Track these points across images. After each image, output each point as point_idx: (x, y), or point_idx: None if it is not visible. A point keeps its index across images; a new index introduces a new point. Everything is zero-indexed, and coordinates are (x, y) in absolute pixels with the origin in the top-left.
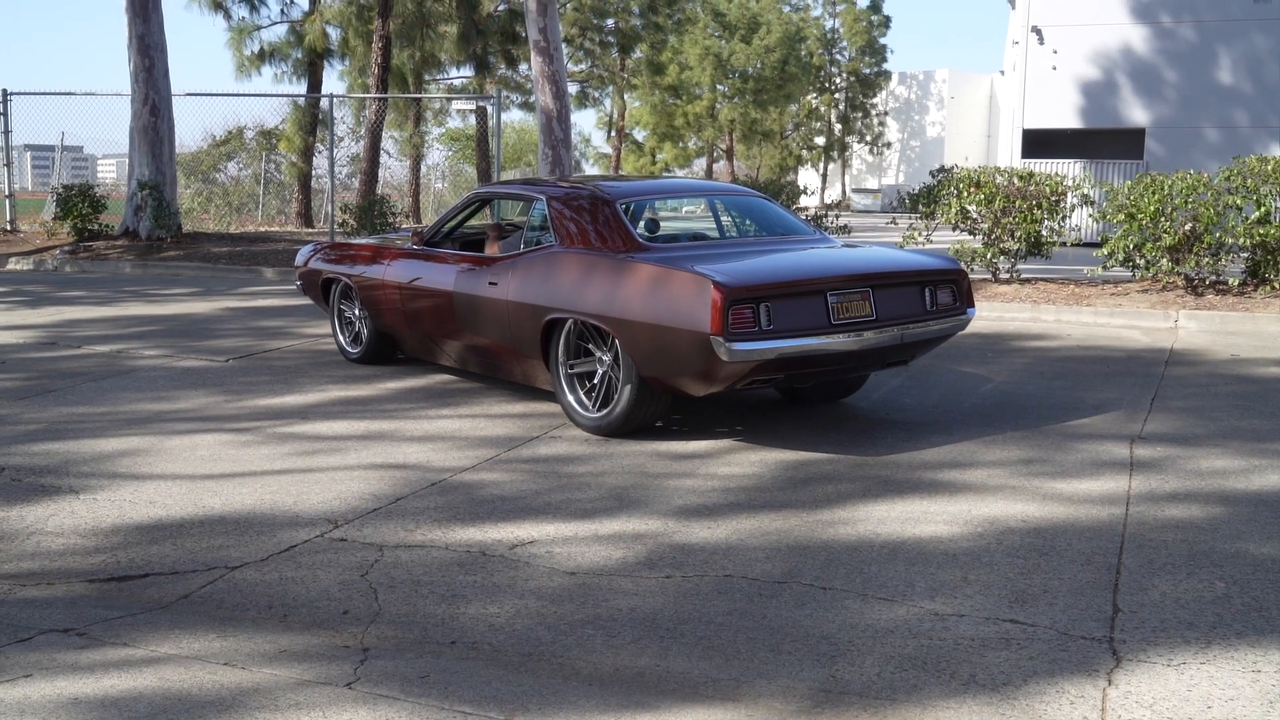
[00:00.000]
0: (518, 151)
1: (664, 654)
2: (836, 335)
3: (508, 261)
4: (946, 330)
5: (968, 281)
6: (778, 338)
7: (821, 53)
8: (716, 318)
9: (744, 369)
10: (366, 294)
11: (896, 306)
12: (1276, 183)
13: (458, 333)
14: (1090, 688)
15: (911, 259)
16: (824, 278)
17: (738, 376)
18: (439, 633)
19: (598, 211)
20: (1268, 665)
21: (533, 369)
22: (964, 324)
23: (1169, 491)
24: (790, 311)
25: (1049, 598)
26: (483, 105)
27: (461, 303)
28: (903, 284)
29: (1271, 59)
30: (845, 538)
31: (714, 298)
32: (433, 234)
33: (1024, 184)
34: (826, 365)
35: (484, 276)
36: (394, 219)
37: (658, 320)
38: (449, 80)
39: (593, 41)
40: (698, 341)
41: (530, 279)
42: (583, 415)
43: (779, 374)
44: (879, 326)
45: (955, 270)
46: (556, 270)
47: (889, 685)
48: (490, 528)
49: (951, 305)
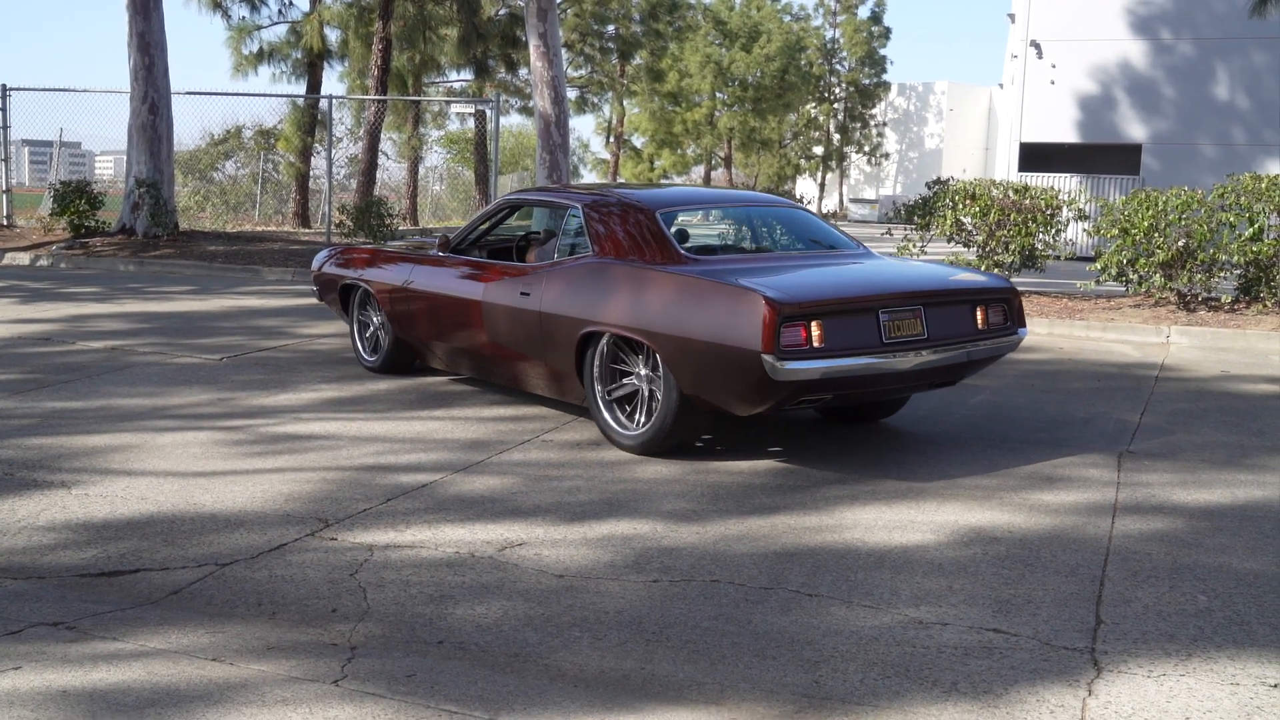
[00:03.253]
0: (515, 156)
1: (649, 657)
2: (888, 355)
3: (541, 271)
4: (997, 350)
5: (1019, 300)
6: (829, 357)
7: (821, 63)
8: (768, 335)
9: (794, 389)
10: (388, 301)
11: (948, 326)
12: (1270, 200)
13: (485, 344)
14: (1070, 697)
15: (963, 277)
16: (876, 295)
17: (786, 396)
18: (426, 632)
19: (637, 221)
20: (1246, 678)
21: (565, 383)
22: (1015, 344)
23: (1155, 505)
24: (842, 330)
25: (1032, 608)
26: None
27: (490, 313)
28: (954, 302)
29: (1269, 76)
30: (832, 545)
31: (765, 314)
32: (459, 241)
33: (1019, 197)
34: (876, 386)
35: (515, 286)
36: (391, 221)
37: (704, 336)
38: (448, 83)
39: (593, 47)
40: (747, 359)
41: (565, 290)
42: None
43: (827, 394)
44: (930, 346)
45: (1007, 289)
46: (593, 281)
47: (871, 691)
48: (479, 529)
49: (1002, 325)
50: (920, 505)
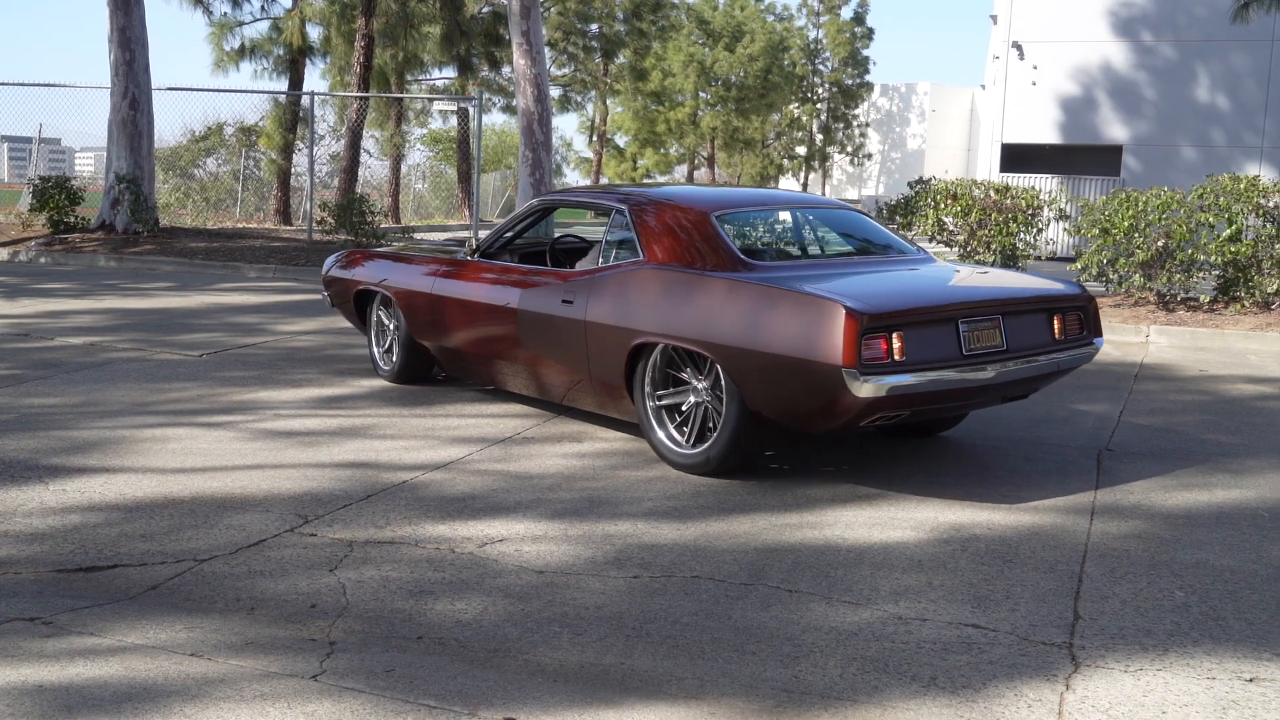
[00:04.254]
0: (498, 154)
1: (629, 652)
2: (969, 368)
3: (585, 278)
4: (1074, 361)
5: (1095, 308)
6: (911, 370)
7: (804, 63)
8: (849, 348)
9: (873, 405)
10: (411, 308)
11: (1026, 336)
12: (1248, 201)
13: (521, 355)
14: (1048, 692)
15: (1039, 283)
16: (956, 304)
17: (865, 413)
18: (406, 628)
19: (690, 224)
20: (1222, 673)
21: (611, 398)
22: (1091, 355)
23: (1133, 503)
24: (922, 341)
25: (1011, 603)
26: (464, 106)
27: (528, 322)
28: (1032, 311)
29: (1249, 78)
30: (812, 541)
31: (846, 326)
32: (489, 245)
33: (1000, 197)
34: (955, 401)
35: (556, 294)
36: (373, 218)
37: (776, 349)
38: (431, 81)
39: (576, 45)
40: (826, 374)
41: (613, 298)
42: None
43: (905, 410)
44: (1010, 358)
45: (1084, 296)
46: (645, 289)
47: (850, 686)
48: (460, 526)
49: (1079, 334)
50: (900, 502)
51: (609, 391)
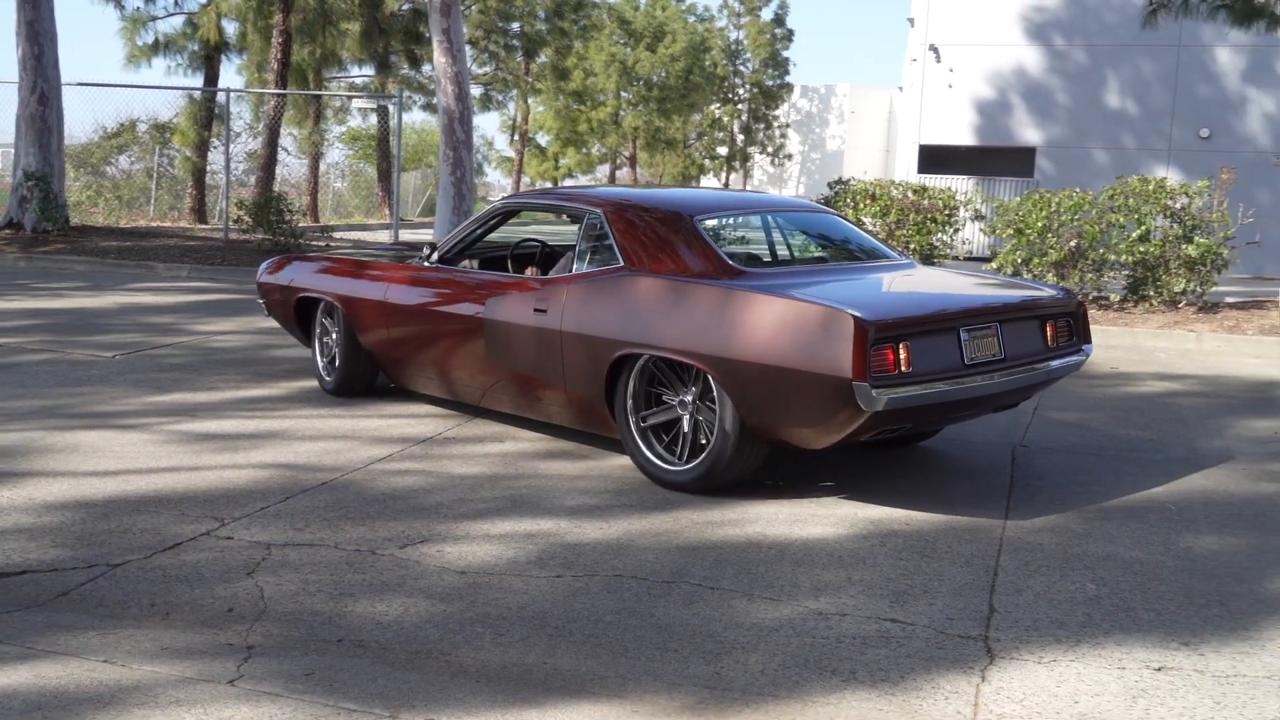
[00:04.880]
0: (419, 152)
1: (552, 651)
2: (971, 378)
3: (559, 285)
4: (1065, 369)
5: (1085, 314)
6: (917, 382)
7: (725, 63)
8: (859, 360)
9: (878, 419)
10: (362, 318)
11: (1021, 344)
12: (1157, 203)
13: (488, 367)
14: (965, 684)
15: (1032, 290)
16: (958, 312)
17: (867, 428)
18: (325, 631)
19: (673, 228)
20: (1132, 662)
21: (589, 412)
22: (1081, 362)
23: (1047, 498)
24: (927, 351)
25: (929, 597)
26: (384, 104)
27: (497, 332)
28: (1027, 318)
29: (1157, 84)
30: (734, 539)
31: (855, 336)
32: (448, 250)
33: (918, 197)
34: (955, 412)
35: (527, 302)
36: (292, 217)
37: (776, 361)
38: (350, 78)
39: (497, 44)
40: (832, 387)
41: (593, 307)
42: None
43: (908, 424)
44: (1007, 368)
45: (1075, 303)
46: (628, 297)
47: (772, 682)
48: (380, 526)
49: (1069, 341)
50: (821, 499)
51: (586, 406)
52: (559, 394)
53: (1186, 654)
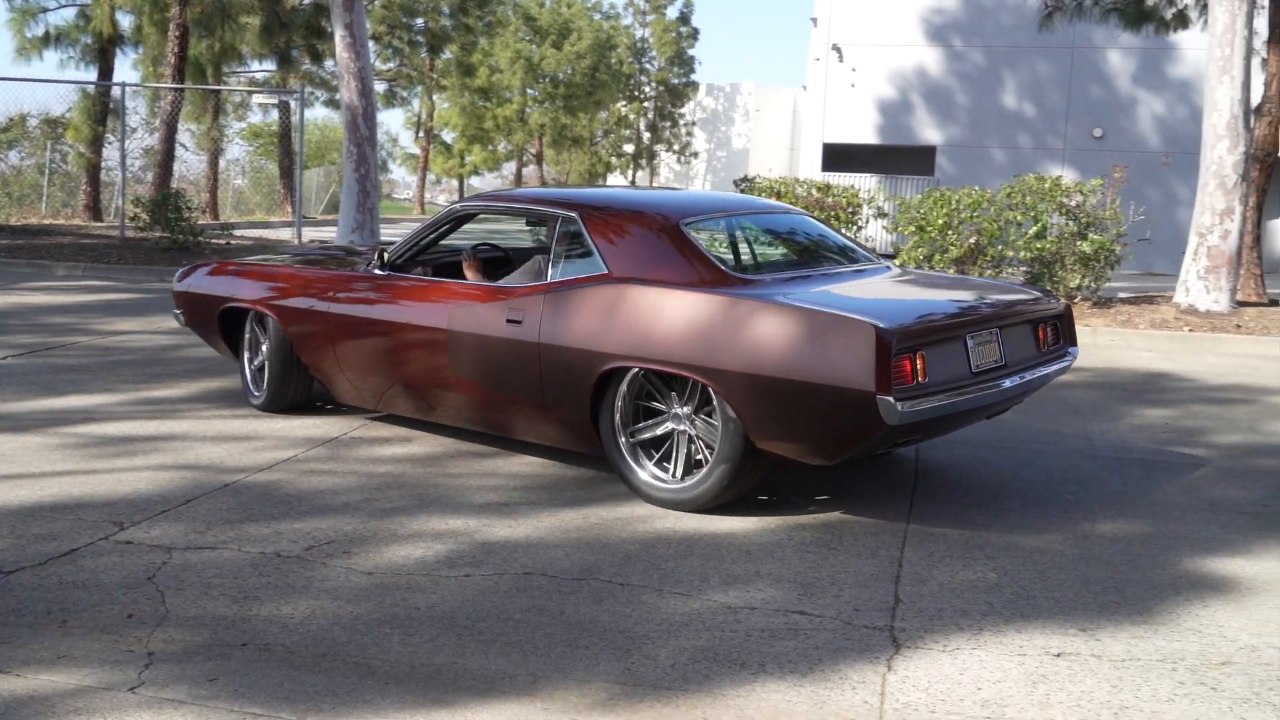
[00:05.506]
0: (322, 149)
1: (461, 651)
2: (979, 386)
3: (536, 295)
4: (1055, 374)
5: (1071, 316)
6: (933, 393)
7: (631, 61)
8: (882, 372)
9: (898, 432)
10: (302, 331)
11: (1018, 349)
12: (1052, 200)
13: (452, 383)
14: (871, 673)
15: (1022, 293)
16: (967, 319)
17: (886, 442)
18: (229, 635)
19: (659, 233)
20: (1032, 649)
21: (570, 429)
22: (1069, 365)
23: (950, 489)
24: (939, 360)
25: (835, 589)
26: (285, 100)
27: (463, 345)
28: (1021, 322)
29: (1052, 85)
30: (643, 534)
31: (877, 347)
32: (399, 256)
33: (822, 195)
34: (963, 422)
35: (498, 312)
36: (191, 214)
37: (791, 374)
38: (250, 73)
39: (401, 40)
40: (854, 401)
41: (575, 317)
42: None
43: (919, 437)
44: (1007, 374)
45: (1064, 306)
46: (616, 307)
47: (682, 676)
48: (285, 528)
49: (1057, 344)
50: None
51: (567, 422)
52: (535, 410)
53: (1084, 639)
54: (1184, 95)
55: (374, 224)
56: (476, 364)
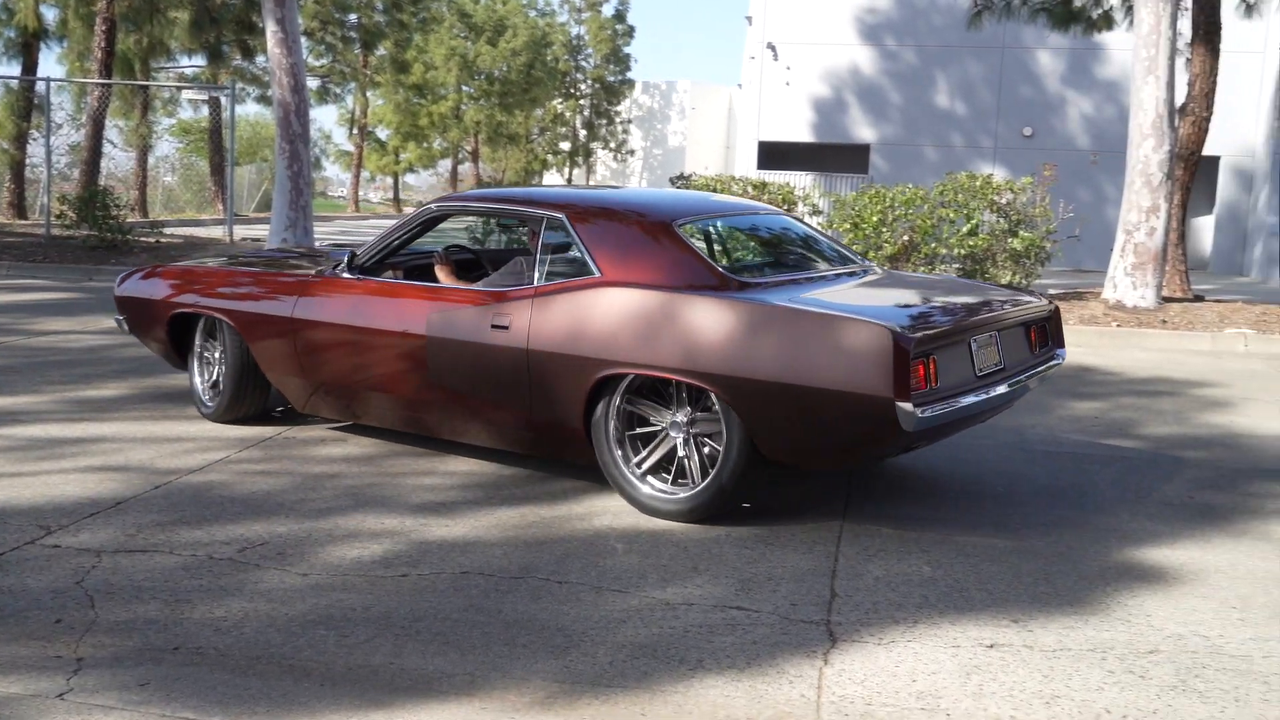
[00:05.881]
0: (253, 146)
1: (398, 652)
2: (983, 389)
3: (522, 298)
4: (1046, 375)
5: (1059, 318)
6: (944, 398)
7: (567, 59)
8: (900, 377)
9: (912, 438)
10: (262, 337)
11: (1014, 351)
12: (984, 198)
13: (431, 391)
14: (808, 667)
15: (1015, 295)
16: (971, 322)
17: (898, 448)
18: (161, 639)
19: (654, 236)
20: (966, 640)
21: (559, 438)
22: (1057, 366)
23: (885, 485)
24: (948, 364)
25: (772, 584)
26: (216, 96)
27: (443, 352)
28: (1016, 325)
29: (983, 85)
30: (581, 532)
31: (895, 352)
32: (368, 258)
33: (758, 193)
34: (966, 425)
35: (482, 317)
36: (119, 212)
37: (804, 380)
38: (180, 69)
39: (334, 36)
40: (870, 407)
41: (566, 322)
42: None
43: (926, 442)
44: (1005, 377)
45: (1053, 308)
46: (612, 312)
47: (620, 673)
48: (218, 530)
49: (1045, 346)
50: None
51: (558, 431)
52: (521, 418)
53: (1016, 630)
54: (1111, 95)
55: (307, 222)
56: (458, 371)
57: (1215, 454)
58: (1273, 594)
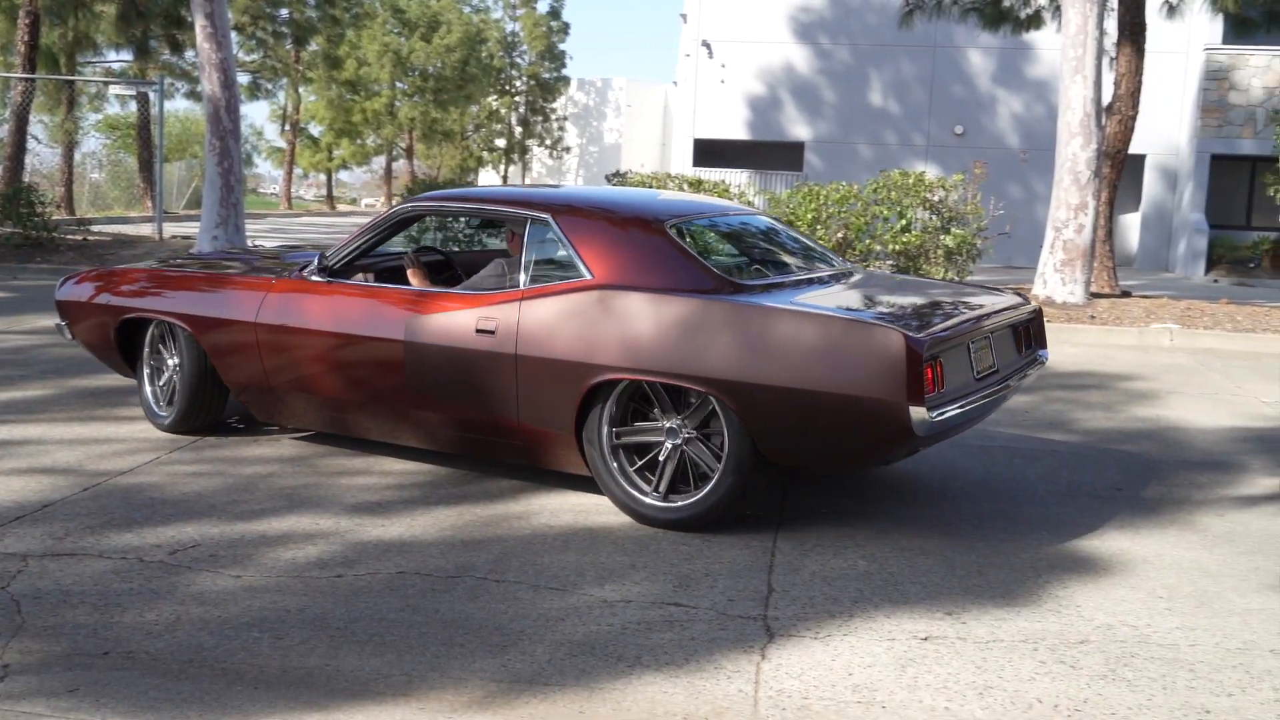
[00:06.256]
0: (183, 142)
1: (334, 653)
2: (982, 393)
3: (509, 302)
4: (1031, 376)
5: (1042, 319)
6: (949, 401)
7: (502, 55)
8: (914, 381)
9: (920, 443)
10: (223, 343)
11: (1004, 354)
12: (917, 196)
13: (409, 398)
14: (746, 662)
15: (1005, 297)
16: (968, 324)
17: (907, 452)
18: (91, 644)
19: (644, 236)
20: (901, 633)
21: (548, 446)
22: (1040, 368)
23: (820, 481)
24: (952, 368)
25: (710, 580)
26: (144, 91)
27: (424, 357)
28: (1006, 327)
29: (916, 83)
30: (519, 531)
31: (908, 356)
32: (338, 260)
33: (694, 190)
34: (956, 433)
35: (466, 321)
36: (45, 210)
37: (812, 385)
38: (107, 63)
39: (265, 31)
40: (881, 412)
41: (558, 327)
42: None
43: (928, 446)
44: (999, 380)
45: (1037, 309)
46: (606, 316)
47: (559, 671)
48: (149, 532)
49: (1029, 347)
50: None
51: (546, 440)
52: (508, 426)
53: (950, 623)
54: (1041, 94)
55: (239, 219)
56: (439, 378)
57: (1142, 447)
58: (1198, 583)
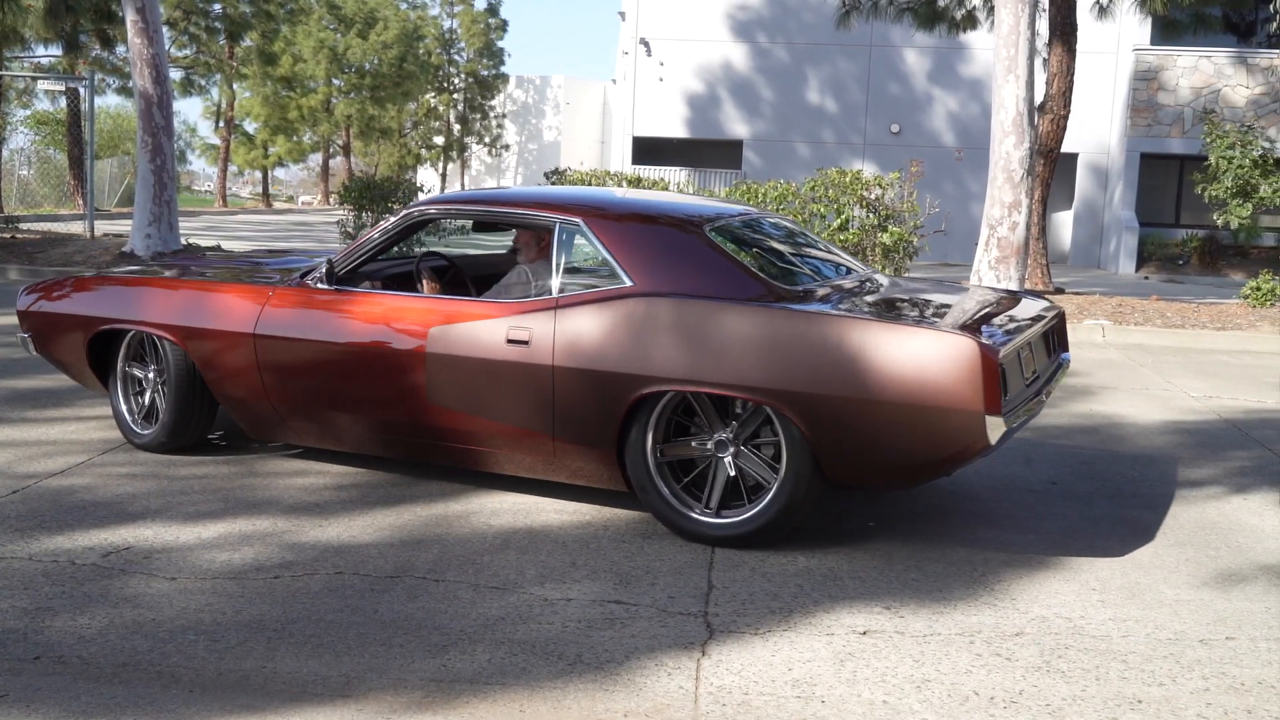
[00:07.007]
0: (115, 139)
1: (271, 655)
2: (1031, 399)
3: (543, 310)
4: (1058, 381)
5: (1065, 321)
6: (1012, 410)
7: (440, 52)
8: (991, 390)
9: (987, 451)
10: (216, 357)
11: (1040, 358)
12: (854, 194)
13: (430, 412)
14: (686, 659)
15: (1037, 300)
16: (1021, 330)
17: (971, 461)
18: (20, 649)
19: (685, 241)
20: (839, 628)
21: (586, 461)
22: (1065, 369)
23: None
24: (1012, 375)
25: (651, 578)
26: (74, 87)
27: (449, 369)
28: (1043, 330)
29: (853, 82)
30: (459, 530)
31: (985, 365)
32: (345, 267)
33: (633, 188)
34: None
35: (495, 331)
36: None
37: (884, 396)
38: (35, 59)
39: (198, 26)
40: (960, 422)
41: (599, 336)
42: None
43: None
44: (1039, 385)
45: (1061, 311)
46: (652, 324)
47: (499, 671)
48: (80, 535)
49: (1055, 349)
50: (545, 487)
51: (585, 455)
52: (542, 442)
53: (888, 617)
54: (975, 93)
55: (172, 217)
56: (465, 390)
57: (1076, 441)
58: (1130, 576)
